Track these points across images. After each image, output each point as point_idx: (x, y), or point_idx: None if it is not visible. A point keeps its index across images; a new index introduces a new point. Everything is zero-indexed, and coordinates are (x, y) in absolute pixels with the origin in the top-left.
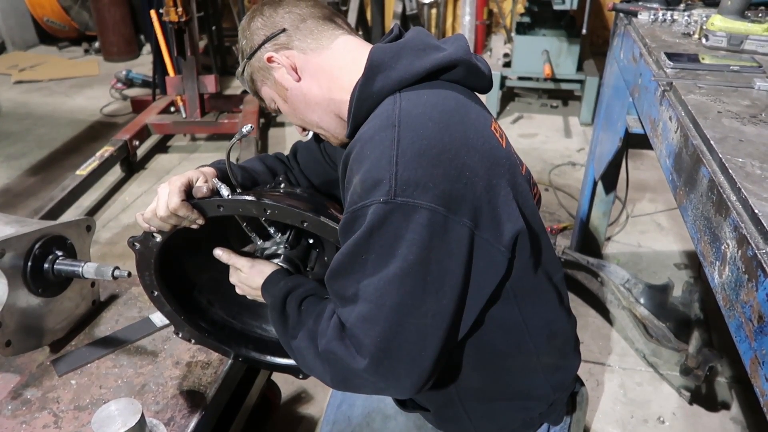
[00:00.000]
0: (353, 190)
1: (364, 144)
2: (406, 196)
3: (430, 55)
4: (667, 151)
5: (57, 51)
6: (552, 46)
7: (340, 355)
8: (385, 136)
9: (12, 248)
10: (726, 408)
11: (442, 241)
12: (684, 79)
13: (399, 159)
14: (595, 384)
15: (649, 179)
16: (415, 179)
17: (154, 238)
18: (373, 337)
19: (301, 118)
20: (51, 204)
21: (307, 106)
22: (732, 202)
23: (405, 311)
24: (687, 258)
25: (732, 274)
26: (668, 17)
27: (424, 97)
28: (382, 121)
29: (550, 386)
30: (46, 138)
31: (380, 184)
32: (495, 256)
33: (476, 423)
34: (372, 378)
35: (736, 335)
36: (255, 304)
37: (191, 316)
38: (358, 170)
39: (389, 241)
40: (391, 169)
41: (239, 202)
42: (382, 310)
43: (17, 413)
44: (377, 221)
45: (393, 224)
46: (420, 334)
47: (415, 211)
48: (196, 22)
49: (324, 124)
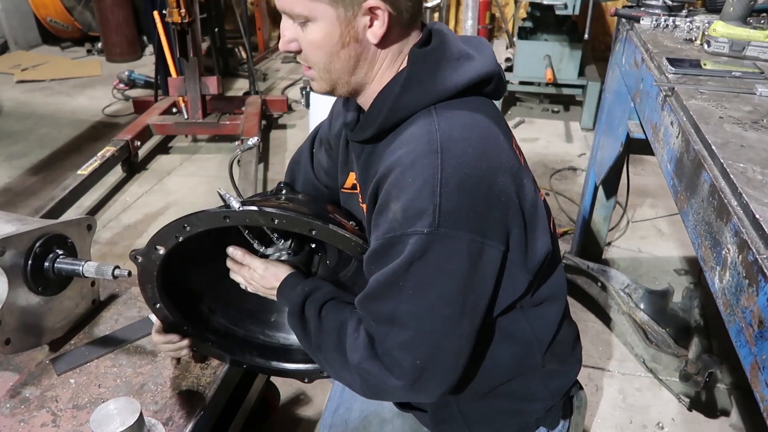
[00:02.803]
0: (393, 217)
1: (405, 170)
2: (448, 227)
3: (466, 67)
4: (668, 156)
5: (60, 51)
6: (554, 51)
7: (375, 374)
8: (427, 164)
9: (12, 246)
10: (725, 414)
11: (479, 267)
12: (686, 85)
13: (442, 189)
14: (595, 389)
15: (649, 185)
16: (458, 210)
17: (157, 251)
18: (411, 362)
19: (328, 64)
20: (52, 203)
21: (352, 66)
22: (733, 207)
23: (443, 336)
24: (687, 264)
25: (732, 278)
26: (670, 23)
27: (460, 118)
28: (422, 146)
29: (548, 392)
30: (48, 138)
31: (423, 215)
32: (518, 277)
33: (471, 425)
34: (404, 393)
35: (737, 340)
36: (257, 310)
37: (194, 325)
38: (398, 196)
39: (430, 271)
40: (435, 200)
41: (246, 213)
42: (422, 337)
43: (16, 412)
44: (419, 252)
45: (434, 255)
46: (455, 353)
47: (457, 241)
48: (199, 24)
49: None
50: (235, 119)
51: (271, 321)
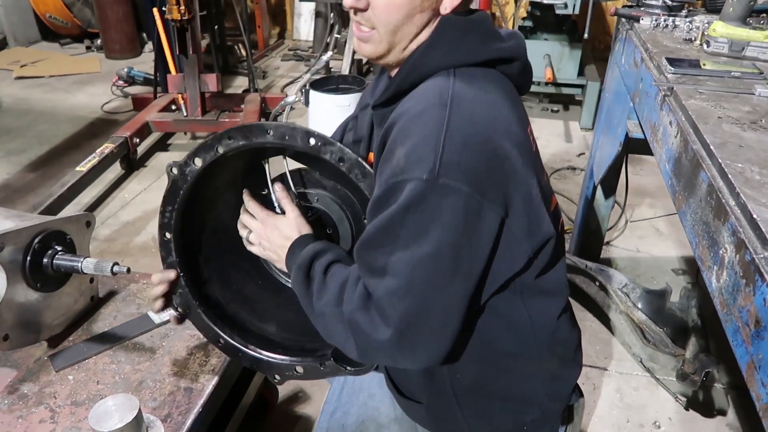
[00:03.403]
0: (395, 163)
1: (412, 118)
2: (447, 178)
3: (493, 45)
4: (666, 156)
5: (59, 47)
6: (554, 51)
7: (363, 326)
8: (435, 115)
9: (11, 242)
10: (722, 414)
11: (475, 227)
12: (685, 85)
13: (446, 141)
14: (592, 388)
15: (648, 185)
16: (459, 163)
17: (194, 164)
18: (399, 311)
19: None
20: (50, 200)
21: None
22: (731, 206)
23: (433, 290)
24: (685, 263)
25: (729, 278)
26: (670, 23)
27: (477, 83)
28: (433, 98)
29: (545, 394)
30: (47, 134)
31: (424, 161)
32: (516, 250)
33: (468, 420)
34: (392, 349)
35: (733, 339)
36: (252, 299)
37: (189, 281)
38: (403, 143)
39: (425, 219)
40: (438, 149)
41: (286, 128)
42: (412, 287)
43: (14, 408)
44: (416, 198)
45: (431, 204)
46: (444, 312)
47: (454, 194)
48: (199, 21)
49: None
50: (234, 117)
51: (263, 312)
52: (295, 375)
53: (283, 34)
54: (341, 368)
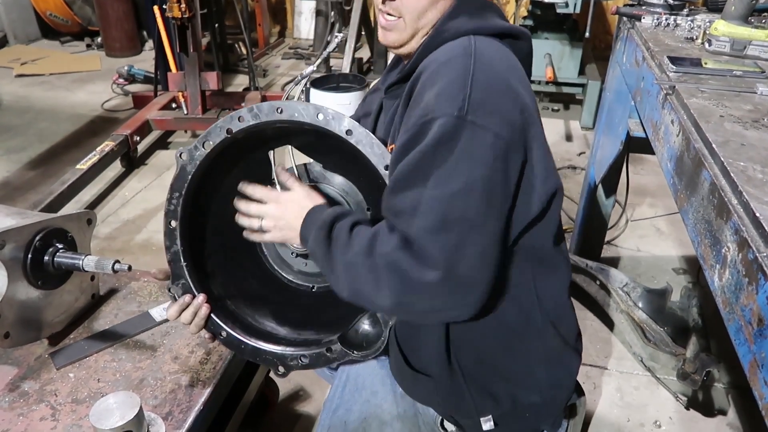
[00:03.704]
0: (425, 104)
1: (440, 65)
2: (476, 116)
3: (504, 21)
4: (668, 155)
5: (59, 45)
6: (554, 50)
7: (406, 266)
8: (461, 62)
9: (12, 240)
10: (723, 414)
11: (503, 166)
12: (686, 83)
13: (473, 83)
14: (592, 387)
15: (649, 184)
16: (486, 103)
17: (203, 148)
18: (440, 249)
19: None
20: (50, 198)
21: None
22: (733, 205)
23: (469, 226)
24: (686, 263)
25: (732, 277)
26: (672, 22)
27: (496, 46)
28: (457, 51)
29: (546, 377)
30: (47, 132)
31: (454, 99)
32: (532, 197)
33: (474, 397)
34: (438, 291)
35: (736, 338)
36: (255, 295)
37: (192, 272)
38: (432, 86)
39: (456, 156)
40: (466, 89)
41: (298, 105)
42: (448, 224)
43: (14, 405)
44: (446, 133)
45: (461, 140)
46: (483, 252)
47: (483, 131)
48: (199, 19)
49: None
50: None
51: (265, 310)
52: (300, 364)
53: (284, 32)
54: (348, 352)
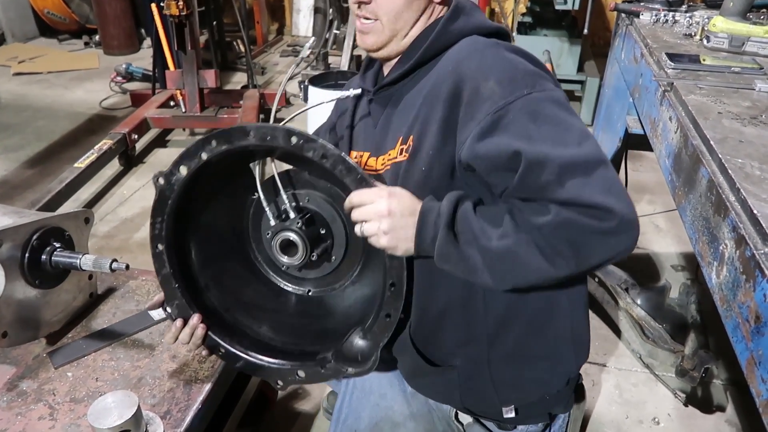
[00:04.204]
0: (490, 94)
1: (480, 59)
2: (542, 86)
3: (494, 23)
4: (666, 151)
5: (57, 43)
6: (553, 47)
7: (581, 224)
8: (494, 51)
9: (9, 239)
10: (721, 410)
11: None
12: (685, 80)
13: (517, 62)
14: (591, 384)
15: (647, 181)
16: (539, 74)
17: (179, 173)
18: (601, 194)
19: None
20: (48, 196)
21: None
22: (731, 202)
23: (604, 165)
24: (684, 260)
25: (730, 274)
26: (670, 18)
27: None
28: (479, 44)
29: (573, 358)
30: (45, 130)
31: (518, 82)
32: None
33: (500, 389)
34: (617, 235)
35: (733, 336)
36: (251, 304)
37: (185, 291)
38: (486, 77)
39: (554, 120)
40: (519, 69)
41: (267, 128)
42: (592, 171)
43: (12, 405)
44: (534, 109)
45: (548, 108)
46: (621, 183)
47: (555, 93)
48: (197, 17)
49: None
50: (233, 113)
51: (261, 317)
52: (297, 380)
53: (282, 30)
54: (342, 369)
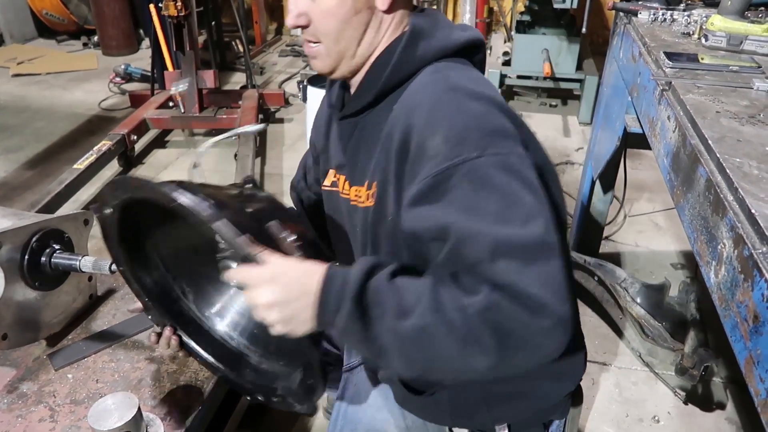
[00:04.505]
0: (435, 152)
1: (431, 108)
2: (494, 147)
3: (460, 31)
4: (665, 151)
5: (55, 44)
6: (552, 45)
7: (509, 315)
8: (451, 98)
9: (9, 241)
10: (721, 408)
11: (537, 179)
12: (683, 79)
13: (473, 116)
14: (591, 383)
15: (647, 179)
16: (495, 131)
17: (107, 210)
18: (540, 285)
19: (339, 32)
20: (48, 198)
21: (361, 34)
22: (729, 201)
23: (548, 251)
24: (684, 258)
25: (728, 273)
26: (668, 17)
27: (465, 71)
28: (439, 86)
29: (572, 373)
30: (44, 131)
31: (466, 142)
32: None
33: (491, 407)
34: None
35: (732, 335)
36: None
37: (158, 302)
38: (434, 132)
39: (501, 191)
40: (471, 126)
41: (154, 188)
42: (533, 254)
43: (13, 407)
44: (480, 176)
45: (496, 177)
46: (565, 271)
47: (509, 157)
48: (196, 17)
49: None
50: (232, 113)
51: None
52: (261, 400)
53: (281, 29)
54: (291, 405)
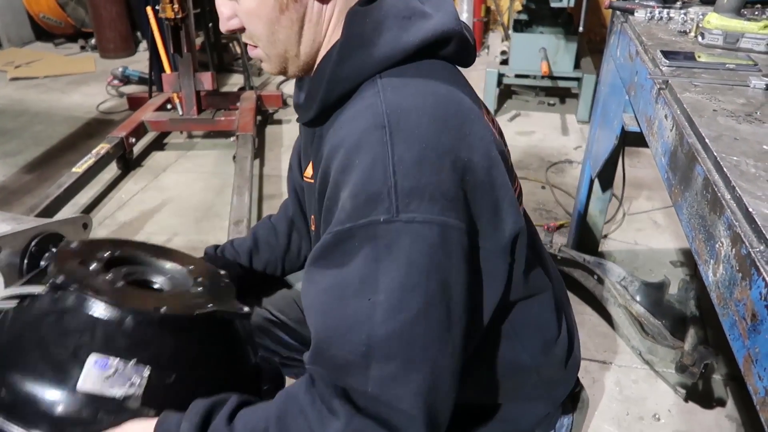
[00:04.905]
0: (341, 207)
1: (349, 152)
2: (411, 212)
3: (417, 25)
4: (662, 149)
5: (53, 48)
6: (549, 44)
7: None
8: (374, 141)
9: (8, 246)
10: (721, 405)
11: (458, 257)
12: (680, 77)
13: (396, 167)
14: (591, 381)
15: (645, 177)
16: (419, 189)
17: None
18: (413, 401)
19: (271, 35)
20: (47, 201)
21: (297, 33)
22: (726, 200)
23: (437, 353)
24: (683, 256)
25: (726, 272)
26: (664, 15)
27: (411, 86)
28: (367, 122)
29: (563, 383)
30: (42, 135)
31: (378, 200)
32: (497, 266)
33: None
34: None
35: (730, 333)
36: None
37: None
38: (346, 183)
39: (402, 271)
40: (388, 181)
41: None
42: (413, 363)
43: None
44: (382, 249)
45: (402, 250)
46: (454, 373)
47: (426, 228)
48: (193, 19)
49: (291, 55)
50: (230, 115)
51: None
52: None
53: None
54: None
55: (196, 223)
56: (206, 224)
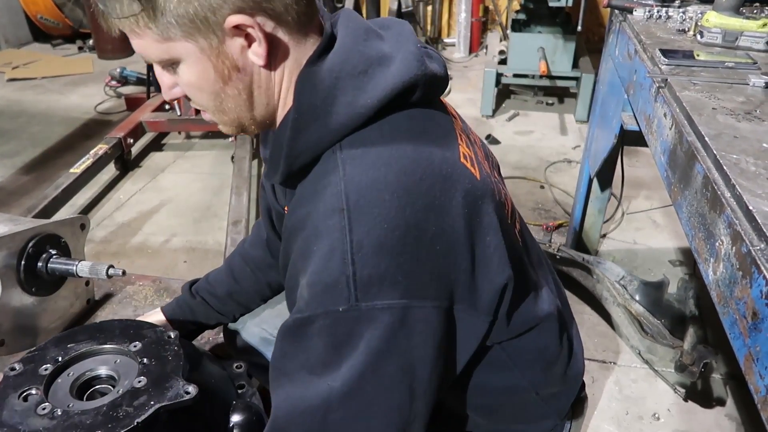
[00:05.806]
0: (300, 293)
1: (307, 237)
2: (371, 299)
3: (375, 80)
4: (661, 148)
5: (51, 48)
6: (548, 44)
7: None
8: (332, 226)
9: (5, 247)
10: (721, 404)
11: (423, 334)
12: (679, 76)
13: (355, 255)
14: (591, 381)
15: (644, 176)
16: (380, 276)
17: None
18: None
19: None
20: (44, 202)
21: (246, 100)
22: (726, 198)
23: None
24: (682, 255)
25: (726, 270)
26: (663, 14)
27: (372, 155)
28: (325, 204)
29: (556, 413)
30: (40, 136)
31: (335, 290)
32: (474, 324)
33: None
34: None
35: (730, 332)
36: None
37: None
38: (304, 269)
39: (360, 359)
40: (347, 270)
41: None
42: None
43: None
44: (341, 338)
45: (362, 337)
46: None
47: (386, 314)
48: None
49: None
50: None
51: None
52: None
53: None
54: None
55: (194, 223)
56: (204, 224)
